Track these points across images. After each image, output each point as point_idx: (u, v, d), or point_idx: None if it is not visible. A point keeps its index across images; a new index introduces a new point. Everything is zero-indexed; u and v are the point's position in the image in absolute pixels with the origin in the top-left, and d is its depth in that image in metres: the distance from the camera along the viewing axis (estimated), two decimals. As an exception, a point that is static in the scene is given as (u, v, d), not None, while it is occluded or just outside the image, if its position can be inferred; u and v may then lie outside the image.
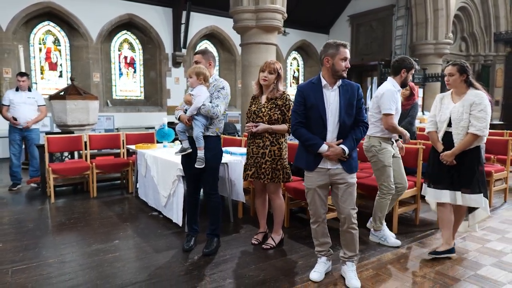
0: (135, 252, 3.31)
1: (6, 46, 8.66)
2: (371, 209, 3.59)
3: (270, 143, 3.20)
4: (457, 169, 3.03)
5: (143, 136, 5.86)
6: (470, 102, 2.95)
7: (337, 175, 2.62)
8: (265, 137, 3.21)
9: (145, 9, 10.47)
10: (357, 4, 13.51)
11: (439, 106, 3.17)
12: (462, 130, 2.97)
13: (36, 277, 2.79)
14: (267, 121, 3.19)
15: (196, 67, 3.19)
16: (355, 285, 2.58)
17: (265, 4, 6.80)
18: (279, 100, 3.21)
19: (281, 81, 3.24)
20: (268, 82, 3.20)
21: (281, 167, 3.23)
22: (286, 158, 3.29)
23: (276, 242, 3.39)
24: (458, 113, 2.98)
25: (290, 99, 3.23)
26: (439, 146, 3.10)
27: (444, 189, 3.08)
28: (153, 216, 4.30)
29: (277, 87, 3.21)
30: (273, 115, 3.18)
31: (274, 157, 3.21)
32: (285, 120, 3.22)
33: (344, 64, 2.55)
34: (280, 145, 3.22)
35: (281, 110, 3.20)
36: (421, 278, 2.81)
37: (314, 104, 2.60)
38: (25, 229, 3.86)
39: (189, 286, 2.66)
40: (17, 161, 5.67)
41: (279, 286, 2.66)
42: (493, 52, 13.54)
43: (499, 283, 2.73)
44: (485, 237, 3.68)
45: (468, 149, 2.98)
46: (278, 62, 3.28)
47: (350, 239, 2.70)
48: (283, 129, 3.21)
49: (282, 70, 3.26)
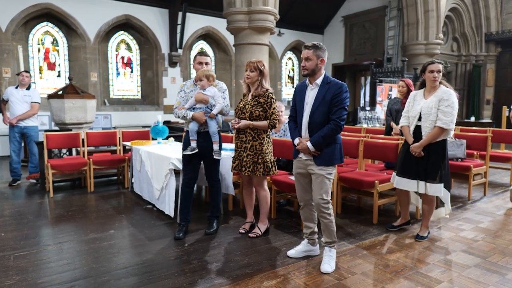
0: (129, 240, 3.53)
1: (6, 47, 8.85)
2: (356, 202, 3.84)
3: (252, 138, 3.42)
4: (424, 162, 3.32)
5: (138, 133, 6.08)
6: (439, 98, 3.23)
7: (309, 166, 2.90)
8: (248, 133, 3.43)
9: (141, 10, 10.68)
10: (351, 5, 13.75)
11: (412, 103, 3.44)
12: (430, 124, 3.24)
13: (36, 261, 3.01)
14: (249, 117, 3.41)
15: (205, 70, 3.52)
16: (325, 269, 2.82)
17: (257, 6, 7.02)
18: (261, 97, 3.41)
19: (265, 78, 3.42)
20: (251, 80, 3.41)
21: (262, 160, 3.43)
22: (268, 152, 3.47)
23: (261, 231, 3.61)
24: (428, 108, 3.26)
25: (272, 97, 3.42)
26: (410, 139, 3.39)
27: (410, 179, 3.41)
28: (147, 209, 4.51)
29: (261, 85, 3.42)
30: (254, 112, 3.39)
31: (255, 151, 3.42)
32: (267, 117, 3.42)
33: (302, 63, 2.85)
34: (261, 140, 3.43)
35: (263, 107, 3.39)
36: (394, 261, 3.03)
37: (297, 102, 2.94)
38: (25, 221, 4.07)
39: (178, 269, 2.88)
40: (16, 157, 5.87)
41: (262, 269, 2.88)
42: (484, 52, 13.79)
43: (465, 266, 2.96)
44: (460, 226, 3.91)
45: (435, 144, 3.26)
46: (261, 61, 3.44)
47: (324, 226, 2.93)
48: (263, 125, 3.41)
49: (265, 68, 3.42)
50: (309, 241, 3.12)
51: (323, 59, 2.81)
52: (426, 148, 3.28)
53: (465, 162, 5.03)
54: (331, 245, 2.97)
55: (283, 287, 2.60)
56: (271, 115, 3.40)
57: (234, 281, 2.68)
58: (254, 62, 3.39)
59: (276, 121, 3.42)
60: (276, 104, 3.46)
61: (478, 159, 5.42)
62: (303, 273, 2.82)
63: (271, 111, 3.39)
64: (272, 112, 3.40)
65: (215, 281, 2.68)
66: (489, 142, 5.20)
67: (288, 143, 4.58)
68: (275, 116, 3.41)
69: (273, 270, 2.86)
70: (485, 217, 4.23)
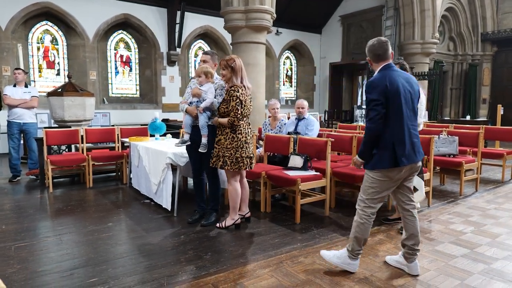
0: (127, 232, 3.62)
1: (5, 45, 8.93)
2: (350, 197, 3.91)
3: (220, 133, 3.56)
4: None
5: (136, 130, 6.17)
6: None
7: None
8: (218, 128, 3.58)
9: (140, 9, 10.76)
10: (348, 5, 13.84)
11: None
12: None
13: (36, 252, 3.10)
14: (218, 114, 3.54)
15: (204, 67, 3.69)
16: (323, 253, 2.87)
17: (254, 5, 7.11)
18: (226, 94, 3.50)
19: (236, 75, 3.45)
20: (225, 78, 3.50)
21: (222, 155, 3.50)
22: (230, 148, 3.49)
23: (225, 225, 3.64)
24: None
25: (233, 94, 3.42)
26: None
27: None
28: (145, 203, 4.60)
29: (232, 81, 3.48)
30: (220, 109, 3.51)
31: (221, 145, 3.53)
32: (228, 114, 3.46)
33: None
34: (225, 135, 3.51)
35: (227, 104, 3.46)
36: (383, 252, 3.13)
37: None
38: (25, 214, 4.15)
39: (174, 258, 2.97)
40: (16, 154, 5.95)
41: (256, 259, 2.97)
42: (480, 51, 13.91)
43: (452, 256, 3.05)
44: (450, 220, 4.00)
45: None
46: (232, 57, 3.47)
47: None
48: (224, 122, 3.48)
49: (236, 64, 3.43)
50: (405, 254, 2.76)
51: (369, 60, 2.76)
52: None
53: (457, 158, 5.13)
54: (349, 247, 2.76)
55: (276, 275, 2.69)
56: (230, 112, 3.42)
57: (228, 269, 2.78)
58: (224, 60, 3.46)
59: (234, 118, 3.41)
60: (236, 101, 3.40)
61: (470, 156, 5.53)
62: (295, 262, 2.91)
63: (230, 108, 3.42)
64: (230, 109, 3.42)
65: (210, 269, 2.78)
66: (481, 139, 5.30)
67: (283, 139, 4.69)
68: (233, 114, 3.41)
69: (266, 259, 2.95)
70: (475, 211, 4.33)
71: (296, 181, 3.79)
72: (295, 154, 4.36)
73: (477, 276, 2.70)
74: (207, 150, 3.63)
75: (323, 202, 4.22)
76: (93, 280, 2.61)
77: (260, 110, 7.65)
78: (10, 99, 5.79)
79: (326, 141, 4.11)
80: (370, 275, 2.70)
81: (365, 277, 2.68)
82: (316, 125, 5.10)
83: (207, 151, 3.64)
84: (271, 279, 2.63)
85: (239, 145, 3.52)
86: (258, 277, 2.66)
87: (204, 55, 3.94)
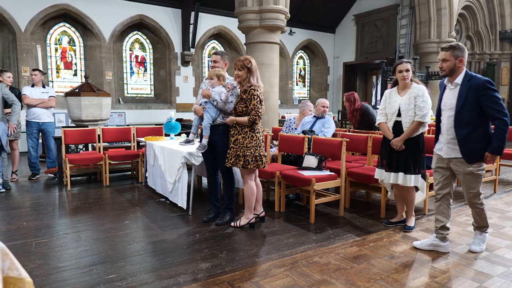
0: (143, 230, 3.67)
1: (25, 46, 9.16)
2: (365, 198, 3.86)
3: (237, 132, 3.56)
4: (403, 156, 3.49)
5: (152, 129, 6.25)
6: (415, 95, 3.41)
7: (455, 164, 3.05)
8: (234, 128, 3.59)
9: (155, 10, 10.89)
10: (362, 4, 13.72)
11: (388, 100, 3.61)
12: (410, 119, 3.42)
13: (57, 248, 3.18)
14: (234, 113, 3.56)
15: (216, 70, 3.77)
16: (474, 249, 3.11)
17: (269, 5, 7.11)
18: (245, 94, 3.50)
19: (253, 75, 3.48)
20: (240, 78, 3.51)
21: (243, 154, 3.51)
22: (250, 146, 3.50)
23: (239, 224, 3.66)
24: (406, 105, 3.44)
25: (254, 93, 3.44)
26: (390, 134, 3.54)
27: (390, 172, 3.58)
28: (161, 202, 4.66)
29: (248, 81, 3.50)
30: (237, 108, 3.52)
31: (238, 144, 3.54)
32: (248, 113, 3.48)
33: (439, 65, 3.01)
34: (244, 135, 3.53)
35: (245, 103, 3.48)
36: (399, 253, 3.10)
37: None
38: (45, 211, 4.26)
39: (190, 256, 3.01)
40: (35, 153, 6.10)
41: (270, 258, 2.98)
42: (499, 50, 13.59)
43: (471, 258, 3.00)
44: (467, 222, 3.93)
45: (413, 138, 3.43)
46: (248, 58, 3.49)
47: (473, 214, 3.16)
48: (244, 121, 3.50)
49: (252, 64, 3.46)
50: (437, 235, 3.15)
51: (462, 59, 2.88)
52: (405, 142, 3.45)
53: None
54: (482, 229, 3.15)
55: (291, 274, 2.70)
56: (251, 111, 3.45)
57: (243, 268, 2.79)
58: (241, 60, 3.46)
59: (256, 117, 3.45)
60: (256, 100, 3.43)
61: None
62: (310, 262, 2.91)
63: (251, 107, 3.45)
64: (251, 108, 3.45)
65: (225, 268, 2.80)
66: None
67: (297, 138, 4.69)
68: (255, 112, 3.44)
69: (281, 259, 2.96)
70: (494, 213, 4.25)
71: (311, 181, 3.79)
72: (310, 154, 4.36)
73: (496, 279, 2.65)
74: (223, 151, 3.66)
75: (337, 202, 4.21)
76: (112, 276, 2.66)
77: (274, 110, 7.65)
78: (29, 99, 5.93)
79: (341, 141, 4.10)
80: (387, 276, 2.68)
81: (381, 278, 2.66)
82: (333, 125, 5.08)
83: (223, 151, 3.67)
84: (286, 279, 2.63)
85: (257, 144, 3.56)
86: (273, 276, 2.67)
87: (214, 55, 3.98)
